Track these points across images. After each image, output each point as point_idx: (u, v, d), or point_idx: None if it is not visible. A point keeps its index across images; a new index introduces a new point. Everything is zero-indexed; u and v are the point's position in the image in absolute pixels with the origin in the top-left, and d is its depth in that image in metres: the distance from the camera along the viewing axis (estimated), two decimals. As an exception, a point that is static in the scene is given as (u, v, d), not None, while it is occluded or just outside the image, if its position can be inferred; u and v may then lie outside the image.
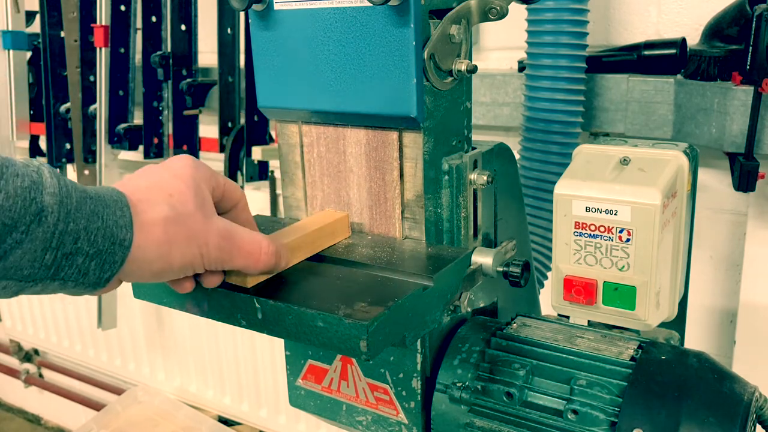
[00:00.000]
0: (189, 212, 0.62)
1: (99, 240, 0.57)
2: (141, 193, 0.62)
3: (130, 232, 0.59)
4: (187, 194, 0.63)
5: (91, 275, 0.58)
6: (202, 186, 0.65)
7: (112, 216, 0.58)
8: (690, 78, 1.31)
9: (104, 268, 0.58)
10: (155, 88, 2.01)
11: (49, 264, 0.55)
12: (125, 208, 0.59)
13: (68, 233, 0.55)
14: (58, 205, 0.54)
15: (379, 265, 0.74)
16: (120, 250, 0.58)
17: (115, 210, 0.58)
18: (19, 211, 0.52)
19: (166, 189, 0.63)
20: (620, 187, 0.79)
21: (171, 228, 0.61)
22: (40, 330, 2.94)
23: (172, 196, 0.62)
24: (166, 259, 0.61)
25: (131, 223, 0.59)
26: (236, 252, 0.65)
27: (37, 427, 3.28)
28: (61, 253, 0.55)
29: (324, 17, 0.74)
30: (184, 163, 0.66)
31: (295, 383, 0.91)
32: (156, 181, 0.64)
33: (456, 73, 0.76)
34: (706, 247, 1.47)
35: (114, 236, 0.58)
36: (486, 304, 0.91)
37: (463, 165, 0.79)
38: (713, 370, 0.72)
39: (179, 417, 2.32)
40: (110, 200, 0.59)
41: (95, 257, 0.57)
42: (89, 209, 0.56)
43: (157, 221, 0.60)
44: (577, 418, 0.71)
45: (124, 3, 1.96)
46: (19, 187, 0.53)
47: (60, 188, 0.55)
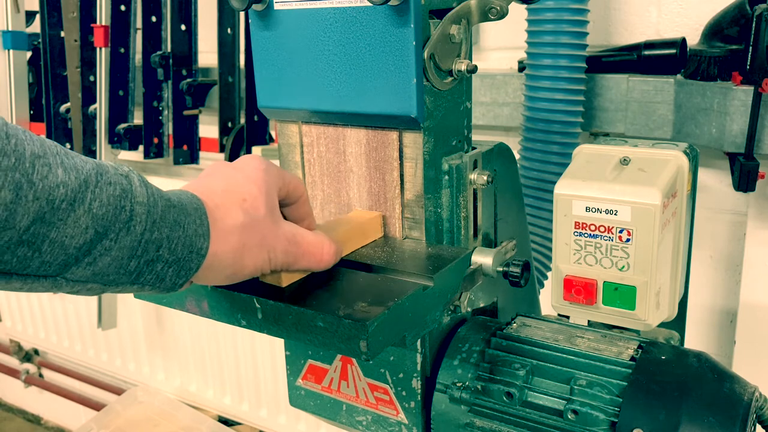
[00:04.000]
0: (261, 218, 0.64)
1: (179, 248, 0.58)
2: (217, 197, 0.63)
3: (207, 241, 0.60)
4: (260, 199, 0.64)
5: (168, 281, 0.59)
6: (272, 189, 0.67)
7: (192, 225, 0.59)
8: (690, 78, 1.31)
9: (180, 274, 0.59)
10: (155, 88, 2.01)
11: (132, 270, 0.56)
12: (203, 216, 0.60)
13: (152, 241, 0.56)
14: (146, 214, 0.56)
15: (379, 265, 0.74)
16: (197, 258, 0.59)
17: (195, 218, 0.59)
18: (110, 219, 0.53)
19: (240, 193, 0.64)
20: (620, 187, 0.79)
21: (245, 235, 0.63)
22: (40, 330, 2.94)
23: (245, 201, 0.64)
24: (238, 264, 0.63)
25: (209, 232, 0.60)
26: (301, 255, 0.67)
27: (37, 427, 3.28)
28: (144, 260, 0.56)
29: (324, 17, 0.74)
30: (256, 165, 0.67)
31: (295, 383, 0.91)
32: (230, 184, 0.65)
33: (456, 73, 0.76)
34: (706, 247, 1.47)
35: (192, 245, 0.59)
36: (486, 304, 0.91)
37: (463, 165, 0.79)
38: (713, 370, 0.72)
39: (179, 417, 2.32)
40: (191, 208, 0.60)
41: (173, 264, 0.58)
42: (172, 218, 0.58)
43: (233, 228, 0.62)
44: (577, 418, 0.71)
45: (124, 3, 1.96)
46: (111, 195, 0.53)
47: (148, 197, 0.56)
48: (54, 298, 2.78)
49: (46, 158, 0.50)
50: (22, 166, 0.48)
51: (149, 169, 2.36)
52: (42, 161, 0.50)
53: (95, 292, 0.57)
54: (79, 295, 0.58)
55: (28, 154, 0.49)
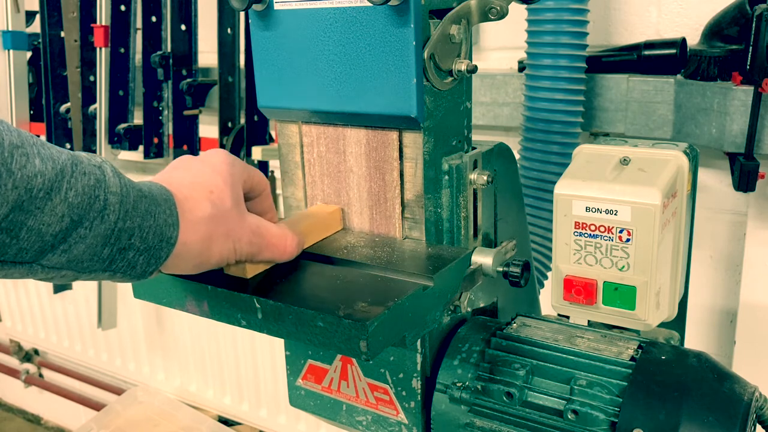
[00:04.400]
0: (227, 209, 0.66)
1: (150, 237, 0.60)
2: (185, 189, 0.65)
3: (176, 230, 0.62)
4: (225, 191, 0.67)
5: (138, 268, 0.61)
6: (237, 182, 0.69)
7: (162, 215, 0.61)
8: (690, 78, 1.31)
9: (150, 262, 0.62)
10: (155, 88, 2.01)
11: (105, 258, 0.58)
12: (173, 207, 0.63)
13: (125, 230, 0.58)
14: (119, 204, 0.58)
15: (379, 265, 0.74)
16: (167, 246, 0.62)
17: (165, 209, 0.62)
18: (85, 208, 0.55)
19: (207, 185, 0.66)
20: (620, 187, 0.79)
21: (212, 225, 0.65)
22: (40, 330, 2.95)
23: (212, 193, 0.66)
24: (206, 254, 0.65)
25: (178, 221, 0.63)
26: (265, 246, 0.70)
27: (37, 427, 3.28)
28: (116, 248, 0.58)
29: (324, 17, 0.74)
30: (222, 159, 0.69)
31: (295, 383, 0.91)
32: (197, 176, 0.67)
33: (456, 73, 0.76)
34: (706, 247, 1.47)
35: (163, 234, 0.61)
36: (486, 304, 0.91)
37: (463, 165, 0.79)
38: (713, 370, 0.72)
39: (179, 417, 2.32)
40: (161, 199, 0.62)
41: (144, 252, 0.60)
42: (144, 208, 0.60)
43: (201, 219, 0.64)
44: (577, 418, 0.71)
45: (124, 3, 1.96)
46: (86, 185, 0.55)
47: (121, 187, 0.58)
48: (54, 298, 2.78)
49: (24, 148, 0.51)
50: (0, 156, 0.49)
51: (149, 169, 2.36)
52: (20, 151, 0.51)
53: (68, 279, 0.59)
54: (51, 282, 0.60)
55: (7, 144, 0.50)
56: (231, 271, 0.71)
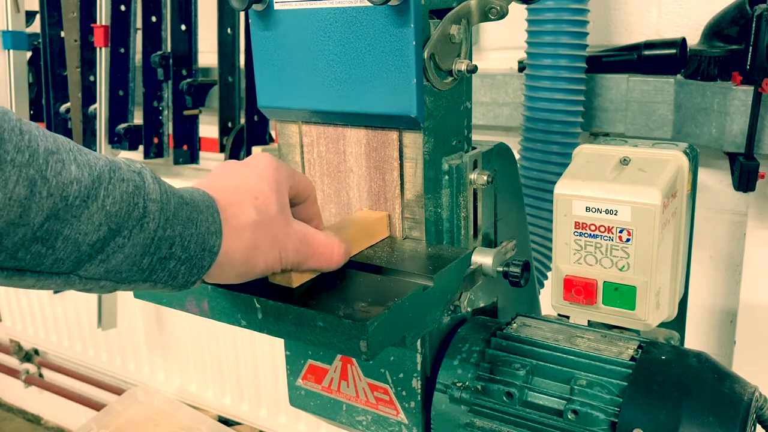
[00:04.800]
0: (272, 216, 0.64)
1: (191, 246, 0.58)
2: (228, 195, 0.62)
3: (219, 238, 0.60)
4: (271, 197, 0.64)
5: (180, 278, 0.59)
6: (283, 188, 0.66)
7: (205, 222, 0.59)
8: (690, 78, 1.31)
9: (193, 272, 0.59)
10: (155, 88, 2.01)
11: (144, 268, 0.56)
12: (216, 214, 0.60)
13: (165, 239, 0.56)
14: (159, 211, 0.55)
15: (379, 265, 0.74)
16: (209, 255, 0.59)
17: (207, 216, 0.59)
18: (124, 216, 0.53)
19: (251, 191, 0.63)
20: (620, 187, 0.79)
21: (257, 233, 0.62)
22: (40, 330, 2.94)
23: (257, 199, 0.63)
24: (251, 262, 0.63)
25: (221, 229, 0.60)
26: (311, 255, 0.67)
27: (37, 427, 3.28)
28: (156, 257, 0.56)
29: (324, 17, 0.74)
30: (267, 164, 0.66)
31: (295, 383, 0.91)
32: (242, 182, 0.64)
33: (456, 73, 0.76)
34: (706, 247, 1.47)
35: (205, 242, 0.59)
36: (486, 304, 0.91)
37: (463, 165, 0.79)
38: (713, 370, 0.72)
39: (179, 417, 2.31)
40: (203, 206, 0.59)
41: (186, 262, 0.58)
42: (185, 216, 0.57)
43: (245, 226, 0.61)
44: (577, 418, 0.71)
45: (124, 3, 1.96)
46: (124, 192, 0.53)
47: (161, 194, 0.56)
48: (54, 298, 2.78)
49: (60, 154, 0.50)
50: (35, 162, 0.48)
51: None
52: (56, 157, 0.49)
53: (108, 289, 0.57)
54: (91, 293, 0.57)
55: (42, 150, 0.48)
56: (276, 280, 0.68)
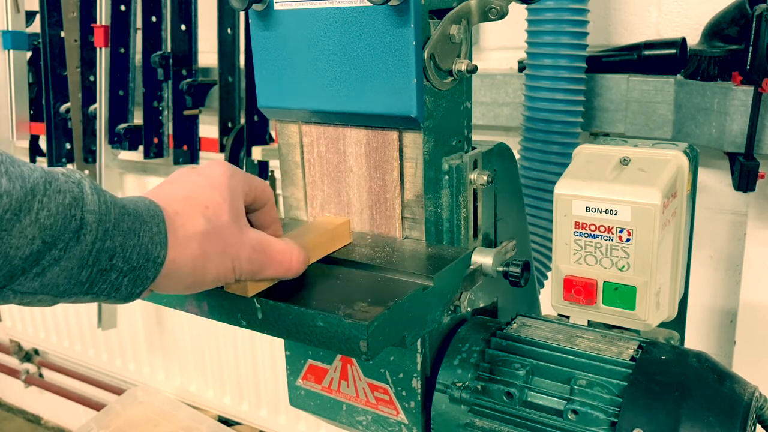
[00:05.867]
0: (223, 225, 0.62)
1: (134, 257, 0.56)
2: (177, 204, 0.61)
3: (164, 248, 0.58)
4: (223, 206, 0.63)
5: (123, 290, 0.58)
6: (237, 196, 0.65)
7: (149, 233, 0.57)
8: (690, 78, 1.31)
9: (137, 283, 0.58)
10: (155, 88, 2.01)
11: (84, 280, 0.55)
12: (161, 223, 0.58)
13: (105, 251, 0.55)
14: (97, 222, 0.54)
15: (379, 265, 0.74)
16: (153, 266, 0.58)
17: (151, 226, 0.58)
18: (59, 229, 0.51)
19: (203, 200, 0.62)
20: (620, 187, 0.79)
21: (206, 242, 0.61)
22: (40, 330, 2.94)
23: (208, 208, 0.62)
24: (199, 273, 0.61)
25: (166, 239, 0.58)
26: (268, 263, 0.65)
27: (37, 427, 3.28)
28: (96, 269, 0.55)
29: (324, 17, 0.74)
30: (221, 172, 0.65)
31: (295, 383, 0.91)
32: (192, 190, 0.63)
33: (456, 73, 0.76)
34: (706, 247, 1.47)
35: (149, 253, 0.57)
36: (486, 304, 0.91)
37: (463, 165, 0.79)
38: (713, 370, 0.72)
39: (179, 417, 2.31)
40: (147, 215, 0.58)
41: (128, 273, 0.57)
42: (126, 226, 0.56)
43: (193, 236, 0.60)
44: (577, 418, 0.71)
45: (124, 3, 1.96)
46: (60, 204, 0.52)
47: (100, 205, 0.54)
48: (54, 298, 2.78)
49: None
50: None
51: (149, 169, 2.36)
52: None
53: (46, 303, 0.55)
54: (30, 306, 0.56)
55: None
56: (231, 289, 0.67)
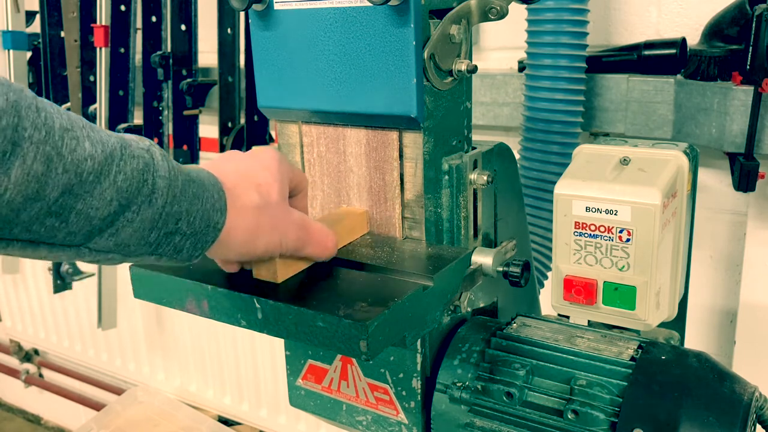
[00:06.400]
0: (274, 203, 0.66)
1: (197, 222, 0.60)
2: (234, 178, 0.65)
3: (224, 215, 0.62)
4: (273, 186, 0.67)
5: (185, 253, 0.61)
6: (285, 179, 0.69)
7: (210, 199, 0.61)
8: (690, 78, 1.31)
9: (197, 246, 0.61)
10: (155, 88, 2.00)
11: (152, 241, 0.58)
12: (221, 191, 0.62)
13: (172, 214, 0.58)
14: (167, 188, 0.57)
15: (379, 265, 0.74)
16: (213, 231, 0.61)
17: (213, 193, 0.61)
18: (134, 192, 0.55)
19: (255, 177, 0.66)
20: (620, 187, 0.79)
21: (260, 216, 0.65)
22: (40, 330, 2.94)
23: (261, 186, 0.66)
24: (252, 243, 0.65)
25: (225, 206, 0.62)
26: (309, 242, 0.70)
27: (37, 427, 3.28)
28: (163, 232, 0.58)
29: (324, 17, 0.74)
30: (271, 156, 0.69)
31: (295, 383, 0.91)
32: (245, 169, 0.67)
33: (456, 73, 0.76)
34: (706, 247, 1.47)
35: (210, 219, 0.61)
36: (486, 304, 0.91)
37: (463, 165, 0.79)
38: (713, 370, 0.72)
39: (179, 417, 2.31)
40: (209, 183, 0.61)
41: (191, 237, 0.60)
42: (192, 192, 0.59)
43: (249, 207, 0.64)
44: (577, 418, 0.71)
45: (124, 3, 1.96)
46: (135, 168, 0.55)
47: (169, 171, 0.58)
48: (54, 299, 2.78)
49: (74, 131, 0.51)
50: (51, 139, 0.49)
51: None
52: (70, 134, 0.51)
53: (115, 261, 0.59)
54: (99, 264, 0.59)
55: (57, 127, 0.50)
56: (261, 275, 0.70)
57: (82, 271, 2.37)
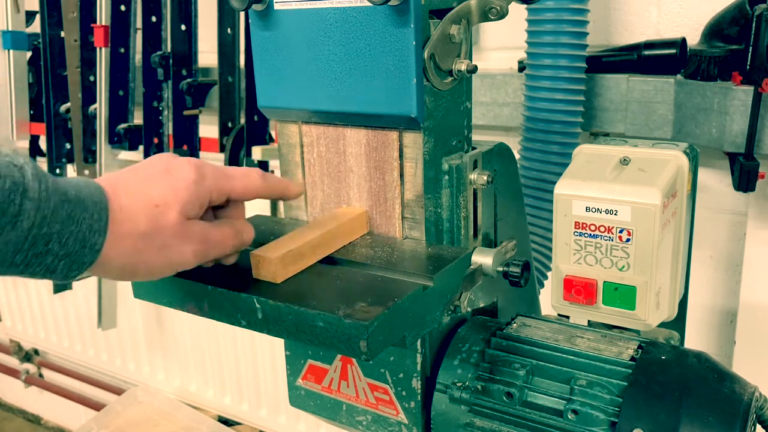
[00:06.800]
0: (168, 225, 0.63)
1: (70, 243, 0.57)
2: (126, 198, 0.62)
3: (102, 236, 0.59)
4: (174, 207, 0.63)
5: (59, 273, 0.59)
6: (195, 201, 0.65)
7: (88, 220, 0.58)
8: (690, 78, 1.31)
9: (72, 267, 0.59)
10: (155, 88, 2.00)
11: (18, 263, 0.56)
12: (103, 211, 0.59)
13: (41, 236, 0.55)
14: (35, 209, 0.54)
15: (379, 265, 0.74)
16: (90, 253, 0.59)
17: (92, 213, 0.58)
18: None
19: (155, 198, 0.63)
20: (620, 187, 0.79)
21: (144, 241, 0.62)
22: (40, 330, 2.94)
23: (157, 207, 0.62)
24: (129, 268, 0.62)
25: (105, 228, 0.59)
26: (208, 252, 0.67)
27: (37, 427, 3.28)
28: (31, 253, 0.56)
29: (324, 17, 0.74)
30: (188, 177, 0.65)
31: (295, 383, 0.91)
32: (149, 186, 0.63)
33: (456, 73, 0.76)
34: (706, 247, 1.47)
35: (85, 240, 0.58)
36: (486, 304, 0.91)
37: (463, 165, 0.79)
38: (713, 370, 0.72)
39: (179, 417, 2.31)
40: (90, 202, 0.59)
41: (64, 258, 0.58)
42: (65, 213, 0.57)
43: (129, 235, 0.61)
44: (577, 418, 0.71)
45: (124, 3, 1.96)
46: (1, 189, 0.53)
47: (40, 192, 0.55)
48: (54, 299, 2.78)
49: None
50: None
51: (149, 169, 2.35)
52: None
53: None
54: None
55: None
56: (261, 275, 0.70)
57: (82, 271, 2.37)
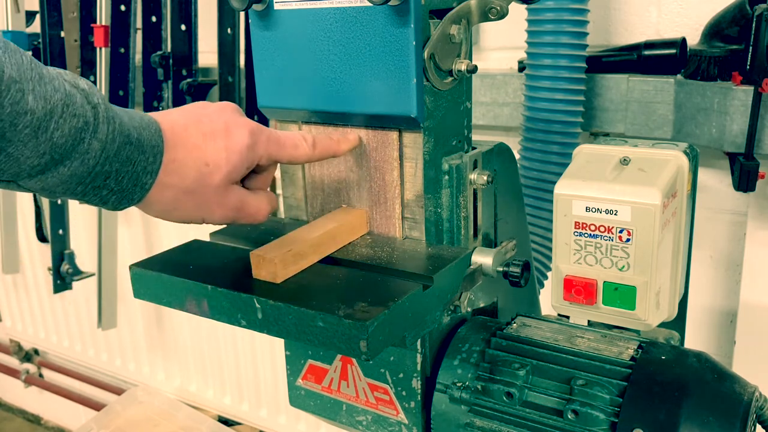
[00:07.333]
0: (212, 186, 0.67)
1: (125, 181, 0.62)
2: (182, 151, 0.65)
3: (153, 177, 0.64)
4: (222, 170, 0.66)
5: (110, 204, 0.64)
6: (245, 163, 0.68)
7: (143, 162, 0.62)
8: (690, 78, 1.31)
9: (122, 201, 0.64)
10: (155, 88, 2.00)
11: (78, 192, 0.61)
12: (159, 155, 0.63)
13: (102, 173, 0.60)
14: (101, 150, 0.59)
15: (379, 265, 0.74)
16: (140, 192, 0.64)
17: (148, 156, 0.63)
18: (68, 149, 0.57)
19: (207, 156, 0.66)
20: (620, 187, 0.79)
21: (184, 197, 0.66)
22: (40, 330, 2.94)
23: (207, 165, 0.66)
24: (169, 215, 0.67)
25: (157, 171, 0.64)
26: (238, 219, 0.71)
27: (37, 427, 3.28)
28: (91, 186, 0.61)
29: (324, 17, 0.74)
30: (242, 137, 0.67)
31: (295, 383, 0.91)
32: (206, 142, 0.66)
33: (456, 73, 0.76)
34: (706, 247, 1.47)
35: (138, 179, 0.63)
36: (486, 304, 0.91)
37: (463, 165, 0.79)
38: (713, 370, 0.72)
39: (179, 417, 2.31)
40: (148, 146, 0.63)
41: (117, 193, 0.63)
42: (125, 155, 0.61)
43: (173, 186, 0.65)
44: (577, 418, 0.71)
45: (124, 3, 1.96)
46: (73, 127, 0.57)
47: (107, 134, 0.59)
48: (54, 298, 2.78)
49: (21, 84, 0.52)
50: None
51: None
52: (17, 86, 0.52)
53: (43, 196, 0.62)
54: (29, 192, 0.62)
55: (6, 77, 0.51)
56: (261, 275, 0.70)
57: (82, 271, 2.37)
